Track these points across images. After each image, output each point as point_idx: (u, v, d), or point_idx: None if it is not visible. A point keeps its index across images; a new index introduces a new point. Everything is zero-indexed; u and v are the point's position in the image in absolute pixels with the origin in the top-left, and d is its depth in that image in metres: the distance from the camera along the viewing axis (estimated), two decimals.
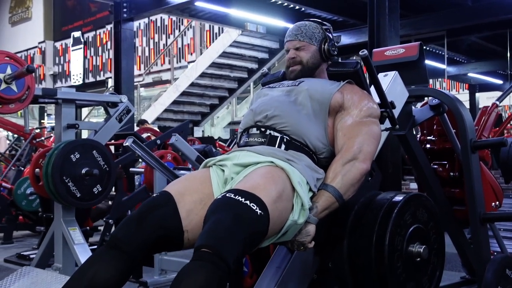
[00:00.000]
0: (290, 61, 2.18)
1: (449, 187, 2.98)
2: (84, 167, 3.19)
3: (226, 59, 11.28)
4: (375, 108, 2.03)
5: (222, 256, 1.49)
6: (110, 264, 1.62)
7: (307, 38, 2.16)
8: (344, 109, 2.00)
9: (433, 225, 1.92)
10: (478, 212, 2.44)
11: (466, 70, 13.25)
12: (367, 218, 1.84)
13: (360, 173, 1.86)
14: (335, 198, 1.80)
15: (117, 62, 7.06)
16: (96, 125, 3.61)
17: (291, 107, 1.99)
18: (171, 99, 11.35)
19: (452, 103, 2.54)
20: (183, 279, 1.47)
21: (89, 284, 1.59)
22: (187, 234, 1.74)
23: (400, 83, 2.39)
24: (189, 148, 3.64)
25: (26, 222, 6.21)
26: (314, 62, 2.16)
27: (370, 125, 1.97)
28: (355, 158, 1.87)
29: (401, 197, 1.86)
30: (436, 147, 3.01)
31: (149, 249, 1.70)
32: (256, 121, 2.02)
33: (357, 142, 1.91)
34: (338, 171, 1.85)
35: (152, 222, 1.69)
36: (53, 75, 16.32)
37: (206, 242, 1.51)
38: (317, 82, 2.09)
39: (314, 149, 1.95)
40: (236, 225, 1.56)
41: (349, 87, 2.06)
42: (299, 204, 1.74)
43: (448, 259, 4.96)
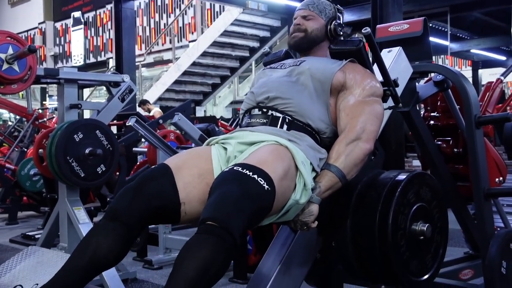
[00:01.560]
0: (295, 28, 2.15)
1: (453, 163, 2.97)
2: (88, 147, 3.18)
3: (228, 37, 11.23)
4: (377, 87, 2.00)
5: (228, 229, 1.47)
6: (110, 236, 1.62)
7: (317, 10, 2.14)
8: (347, 88, 1.97)
9: (436, 204, 1.91)
10: (482, 188, 2.44)
11: (469, 47, 13.19)
12: (370, 198, 1.83)
13: (364, 153, 1.85)
14: (338, 178, 1.79)
15: (118, 42, 7.02)
16: (98, 105, 3.60)
17: (293, 87, 1.97)
18: (173, 78, 11.33)
19: (457, 78, 2.52)
20: (188, 253, 1.46)
21: (92, 257, 1.61)
22: (184, 207, 1.72)
23: (404, 59, 2.37)
24: (192, 127, 3.64)
25: (31, 203, 6.25)
26: (318, 34, 2.13)
27: (373, 104, 1.95)
28: (358, 138, 1.85)
29: (404, 176, 1.85)
30: (440, 124, 3.00)
31: (146, 220, 1.69)
32: (257, 102, 2.00)
33: (360, 122, 1.89)
34: (342, 151, 1.84)
35: (149, 193, 1.68)
36: (53, 56, 16.25)
37: (212, 215, 1.50)
38: (318, 61, 2.06)
39: (317, 129, 1.93)
40: (243, 199, 1.55)
41: (351, 66, 2.02)
42: (301, 183, 1.73)
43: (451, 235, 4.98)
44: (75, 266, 1.62)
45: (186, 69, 11.25)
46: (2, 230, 5.75)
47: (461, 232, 3.30)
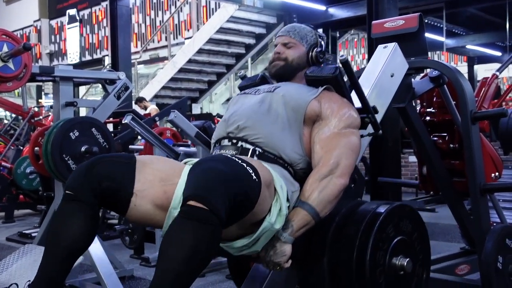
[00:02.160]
0: (275, 56, 2.09)
1: (449, 158, 2.98)
2: (84, 144, 3.17)
3: (223, 34, 11.22)
4: (355, 117, 1.93)
5: (212, 209, 1.40)
6: (75, 219, 1.62)
7: (298, 37, 2.09)
8: (322, 119, 1.90)
9: (418, 235, 1.84)
10: (478, 183, 2.44)
11: (465, 42, 13.21)
12: (348, 232, 1.76)
13: (338, 189, 1.78)
14: (311, 216, 1.73)
15: (113, 39, 7.00)
16: (94, 102, 3.59)
17: (265, 116, 1.90)
18: (169, 76, 11.32)
19: (452, 74, 2.52)
20: (171, 241, 1.42)
21: (66, 246, 1.61)
22: (135, 198, 1.67)
23: (400, 55, 2.37)
24: (188, 124, 3.64)
25: (27, 201, 6.24)
26: (299, 63, 2.08)
27: (349, 136, 1.88)
28: (332, 173, 1.78)
29: (383, 208, 1.78)
30: (436, 119, 3.00)
31: (100, 199, 1.66)
32: (228, 132, 1.92)
33: (334, 156, 1.82)
34: (315, 187, 1.76)
35: (100, 172, 1.64)
36: (49, 54, 16.20)
37: (194, 192, 1.43)
38: (293, 88, 1.99)
39: (289, 161, 1.86)
40: (230, 177, 1.49)
41: (327, 95, 1.95)
42: (277, 207, 1.67)
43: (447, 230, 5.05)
44: (53, 259, 1.63)
45: (182, 66, 11.24)
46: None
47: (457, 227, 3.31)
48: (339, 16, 9.59)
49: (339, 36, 12.37)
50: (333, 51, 10.81)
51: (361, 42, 17.62)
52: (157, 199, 1.68)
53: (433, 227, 5.38)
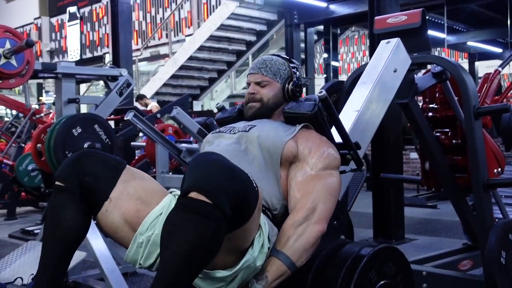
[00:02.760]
0: (249, 97, 2.00)
1: (451, 154, 2.98)
2: (86, 141, 3.17)
3: (224, 31, 11.21)
4: (334, 156, 1.84)
5: (216, 203, 1.34)
6: (68, 208, 1.62)
7: (271, 74, 1.98)
8: (299, 160, 1.81)
9: (402, 277, 1.76)
10: (481, 179, 2.45)
11: (466, 39, 13.17)
12: (328, 276, 1.67)
13: (315, 236, 1.68)
14: (286, 266, 1.64)
15: (114, 36, 6.97)
16: (96, 99, 3.60)
17: (240, 158, 1.80)
18: (170, 73, 11.31)
19: (455, 69, 2.52)
20: (170, 238, 1.37)
21: (61, 235, 1.62)
22: (109, 204, 1.64)
23: (402, 50, 2.37)
24: (191, 120, 3.63)
25: (29, 198, 6.24)
26: (275, 101, 1.98)
27: (327, 178, 1.78)
28: (308, 219, 1.69)
29: (366, 251, 1.69)
30: (439, 115, 3.00)
31: (83, 192, 1.64)
32: None
33: (311, 201, 1.72)
34: (290, 235, 1.67)
35: (85, 165, 1.64)
36: (50, 52, 16.19)
37: (196, 183, 1.36)
38: (270, 127, 1.89)
39: (267, 205, 1.78)
40: (235, 173, 1.42)
41: (304, 134, 1.86)
42: (260, 242, 1.61)
43: (449, 227, 5.05)
44: (51, 252, 1.64)
45: (183, 63, 11.22)
46: (1, 226, 5.75)
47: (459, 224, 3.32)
48: (340, 12, 9.57)
49: (340, 33, 12.35)
50: (334, 48, 10.79)
51: (361, 39, 17.61)
52: (128, 215, 1.65)
53: (435, 223, 5.38)
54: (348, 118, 2.15)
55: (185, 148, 4.06)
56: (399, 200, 4.51)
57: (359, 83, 2.32)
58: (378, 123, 2.24)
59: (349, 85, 2.79)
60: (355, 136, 2.10)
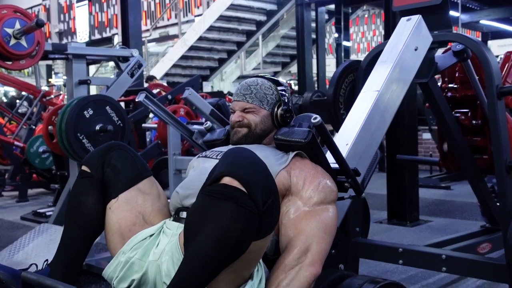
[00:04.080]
0: (235, 124, 1.84)
1: (471, 135, 2.91)
2: (98, 123, 3.13)
3: (234, 11, 11.12)
4: (330, 188, 1.69)
5: (251, 192, 1.27)
6: (90, 196, 1.64)
7: (257, 101, 1.83)
8: (292, 193, 1.66)
9: None
10: (504, 160, 2.38)
11: (479, 17, 12.98)
12: None
13: (308, 280, 1.54)
14: None
15: (124, 17, 6.90)
16: (108, 80, 3.54)
17: None
18: (179, 54, 11.25)
19: (478, 48, 2.44)
20: (202, 221, 1.31)
21: (83, 223, 1.63)
22: (115, 203, 1.64)
23: (424, 28, 2.29)
24: (203, 102, 3.57)
25: (40, 180, 6.24)
26: (264, 128, 1.84)
27: (322, 214, 1.63)
28: (300, 262, 1.55)
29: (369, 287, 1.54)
30: (458, 95, 2.92)
31: (104, 181, 1.67)
32: (183, 206, 1.67)
33: (303, 241, 1.58)
34: (281, 280, 1.53)
35: (113, 157, 1.67)
36: (58, 33, 16.16)
37: (231, 169, 1.30)
38: (260, 153, 1.65)
39: None
40: (267, 173, 1.38)
41: (298, 164, 1.72)
42: (258, 277, 1.51)
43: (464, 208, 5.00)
44: (71, 240, 1.64)
45: (192, 44, 11.16)
46: (12, 208, 5.75)
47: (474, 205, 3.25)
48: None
49: (351, 12, 12.18)
50: (345, 28, 10.65)
51: (372, 18, 17.42)
52: (123, 224, 1.63)
53: (449, 205, 5.32)
54: (369, 99, 2.10)
55: (197, 130, 4.01)
56: (414, 182, 4.45)
57: (379, 62, 2.25)
58: (399, 103, 2.18)
59: (366, 65, 2.72)
60: (375, 117, 2.05)
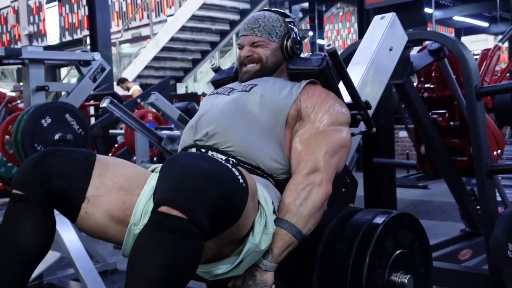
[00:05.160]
0: (245, 59, 1.78)
1: (449, 137, 2.80)
2: (57, 132, 2.94)
3: (207, 11, 10.95)
4: (341, 112, 1.66)
5: (192, 217, 1.16)
6: (25, 223, 1.37)
7: (265, 33, 1.78)
8: (302, 118, 1.64)
9: (419, 246, 1.63)
10: (484, 164, 2.26)
11: (452, 14, 13.02)
12: (339, 248, 1.52)
13: (320, 199, 1.51)
14: (292, 235, 1.47)
15: (92, 18, 6.70)
16: (68, 86, 3.37)
17: (238, 120, 1.63)
18: (152, 55, 11.05)
19: (455, 46, 2.32)
20: (140, 258, 1.18)
21: (17, 252, 1.37)
22: (87, 205, 1.42)
23: (398, 26, 2.16)
24: (170, 106, 3.41)
25: (7, 189, 6.00)
26: (275, 61, 1.78)
27: (333, 134, 1.60)
28: (311, 182, 1.52)
29: (380, 219, 1.54)
30: (435, 95, 2.81)
31: (52, 199, 1.40)
32: (195, 140, 1.63)
33: (313, 160, 1.55)
34: (293, 200, 1.50)
35: (51, 166, 1.40)
36: (28, 35, 15.75)
37: (169, 195, 1.18)
38: (273, 85, 1.71)
39: (269, 171, 1.60)
40: (214, 176, 1.22)
41: (309, 89, 1.69)
42: (261, 224, 1.42)
43: (442, 208, 4.90)
44: (5, 269, 1.38)
45: (164, 44, 10.96)
46: None
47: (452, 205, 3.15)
48: None
49: (325, 10, 12.09)
50: (319, 26, 10.56)
51: (346, 16, 17.37)
52: (113, 210, 1.44)
53: (427, 205, 5.24)
54: None
55: (166, 135, 3.84)
56: (391, 183, 4.33)
57: (352, 63, 2.10)
58: (374, 106, 2.04)
59: None
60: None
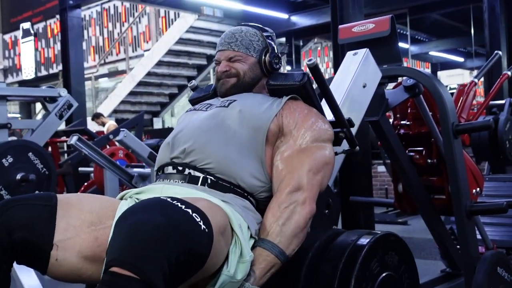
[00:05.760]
0: (222, 75, 1.74)
1: (426, 175, 2.72)
2: (19, 172, 2.84)
3: (183, 45, 10.94)
4: (324, 128, 1.62)
5: (145, 277, 1.09)
6: None
7: (243, 48, 1.74)
8: (284, 134, 1.59)
9: (405, 268, 1.58)
10: (464, 205, 2.18)
11: (428, 49, 13.24)
12: (324, 272, 1.47)
13: (304, 218, 1.46)
14: (275, 256, 1.41)
15: (65, 52, 6.62)
16: (33, 123, 3.25)
17: (217, 136, 1.58)
18: (128, 90, 10.97)
19: (431, 82, 2.26)
20: None
21: None
22: (56, 252, 1.33)
23: (372, 62, 2.09)
24: (140, 144, 3.31)
25: None
26: (253, 76, 1.74)
27: (316, 151, 1.56)
28: (294, 201, 1.47)
29: (365, 240, 1.49)
30: (411, 132, 2.74)
31: (11, 255, 1.31)
32: (172, 158, 1.58)
33: (296, 178, 1.50)
34: (275, 219, 1.45)
35: (12, 218, 1.31)
36: (3, 70, 15.61)
37: (119, 256, 1.11)
38: (252, 100, 1.67)
39: (249, 190, 1.54)
40: (168, 232, 1.15)
41: (291, 105, 1.65)
42: (236, 253, 1.36)
43: (422, 246, 4.79)
44: None
45: (141, 79, 10.89)
46: None
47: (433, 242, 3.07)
48: (302, 24, 9.38)
49: (302, 45, 12.18)
50: (297, 61, 10.60)
51: (324, 50, 17.53)
52: (86, 250, 1.34)
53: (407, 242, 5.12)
54: None
55: (137, 174, 3.72)
56: (369, 220, 4.25)
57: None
58: None
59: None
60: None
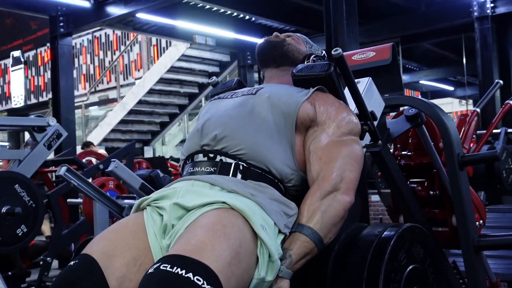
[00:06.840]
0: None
1: (428, 207, 2.63)
2: (4, 205, 2.72)
3: (175, 74, 10.88)
4: (355, 122, 1.64)
5: None
6: None
7: (302, 38, 1.91)
8: (318, 124, 1.59)
9: (430, 263, 1.58)
10: (471, 239, 2.08)
11: (418, 78, 13.27)
12: (352, 262, 1.48)
13: (344, 208, 1.46)
14: (313, 242, 1.39)
15: (55, 80, 6.52)
16: (20, 153, 3.13)
17: (247, 122, 1.57)
18: (118, 118, 10.85)
19: (434, 112, 2.19)
20: None
21: None
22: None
23: (375, 92, 2.02)
24: (131, 175, 3.19)
25: None
26: (295, 54, 1.81)
27: (351, 144, 1.57)
28: (336, 190, 1.47)
29: (392, 231, 1.51)
30: (413, 163, 2.65)
31: None
32: (202, 145, 1.57)
33: (336, 168, 1.50)
34: (316, 207, 1.44)
35: None
36: None
37: None
38: (280, 88, 1.69)
39: (280, 176, 1.52)
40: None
41: (321, 96, 1.65)
42: (265, 255, 1.32)
43: None
44: None
45: (132, 107, 10.79)
46: None
47: None
48: None
49: None
50: None
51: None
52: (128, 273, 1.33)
53: None
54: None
55: (128, 205, 3.60)
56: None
57: None
58: None
59: None
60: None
